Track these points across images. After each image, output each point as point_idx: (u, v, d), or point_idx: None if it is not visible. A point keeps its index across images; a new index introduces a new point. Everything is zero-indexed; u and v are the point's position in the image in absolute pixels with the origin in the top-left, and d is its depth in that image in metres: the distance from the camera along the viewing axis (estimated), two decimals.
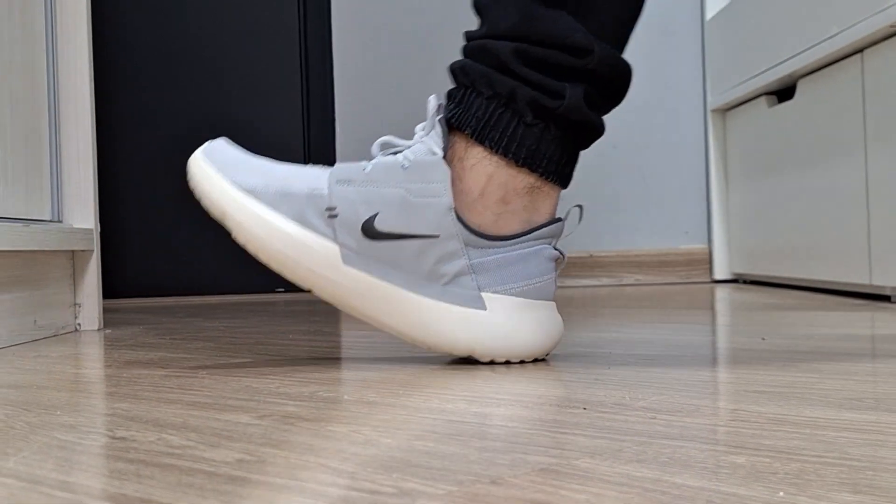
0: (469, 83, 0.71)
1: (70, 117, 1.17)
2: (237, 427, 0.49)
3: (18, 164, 1.04)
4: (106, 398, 0.61)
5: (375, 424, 0.48)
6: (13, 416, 0.53)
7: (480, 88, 0.70)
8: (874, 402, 0.50)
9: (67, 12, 1.17)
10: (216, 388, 0.63)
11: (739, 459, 0.38)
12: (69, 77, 1.17)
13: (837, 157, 1.38)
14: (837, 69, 1.38)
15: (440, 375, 0.65)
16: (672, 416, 0.48)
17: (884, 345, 0.79)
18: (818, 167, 1.46)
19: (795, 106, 1.55)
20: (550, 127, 0.69)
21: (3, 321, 0.96)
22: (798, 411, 0.48)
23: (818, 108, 1.46)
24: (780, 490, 0.33)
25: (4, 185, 1.00)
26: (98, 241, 1.19)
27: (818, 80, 1.45)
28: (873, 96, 1.27)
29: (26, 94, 1.08)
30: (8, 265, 0.98)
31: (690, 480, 0.35)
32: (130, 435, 0.47)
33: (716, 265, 1.97)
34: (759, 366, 0.66)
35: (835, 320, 1.02)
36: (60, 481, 0.38)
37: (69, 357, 0.87)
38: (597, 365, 0.68)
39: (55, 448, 0.44)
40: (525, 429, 0.46)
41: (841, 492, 0.33)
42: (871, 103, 1.27)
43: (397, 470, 0.38)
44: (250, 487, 0.36)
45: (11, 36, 1.03)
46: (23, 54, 1.07)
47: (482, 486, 0.35)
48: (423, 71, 2.12)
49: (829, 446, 0.40)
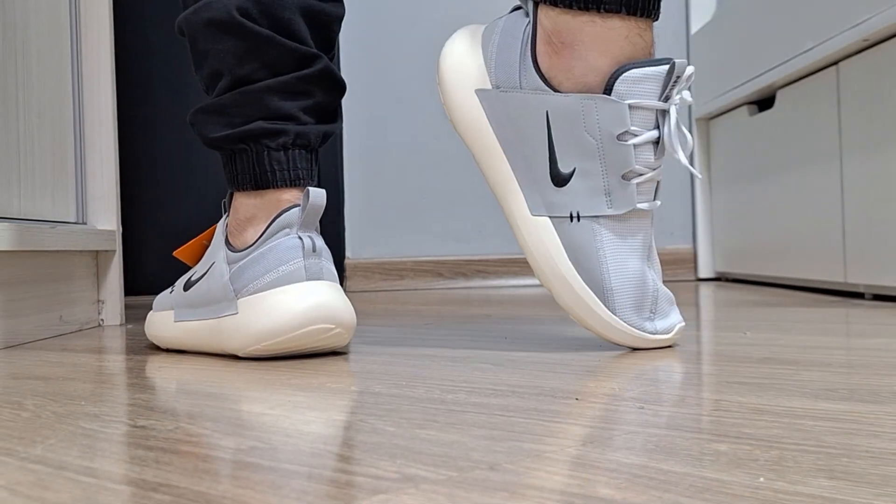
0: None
1: (94, 127, 1.17)
2: (250, 416, 0.49)
3: (46, 171, 1.04)
4: (127, 389, 0.61)
5: (380, 414, 0.48)
6: (41, 407, 0.53)
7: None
8: (848, 392, 0.50)
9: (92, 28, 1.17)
10: (230, 379, 0.63)
11: (722, 447, 0.38)
12: (93, 90, 1.17)
13: (814, 162, 1.38)
14: (814, 80, 1.38)
15: (441, 368, 0.65)
16: (659, 406, 0.48)
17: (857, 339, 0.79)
18: (796, 172, 1.46)
19: (775, 115, 1.55)
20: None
21: (31, 317, 0.96)
22: (777, 402, 0.48)
23: (796, 117, 1.46)
24: (760, 476, 0.33)
25: (33, 190, 1.00)
26: (120, 241, 1.19)
27: (796, 91, 1.45)
28: (848, 106, 1.26)
29: (53, 106, 1.08)
30: (36, 264, 0.98)
31: (676, 467, 0.35)
32: (150, 424, 0.47)
33: (700, 264, 1.97)
34: (740, 359, 0.66)
35: (811, 316, 1.02)
36: (85, 467, 0.38)
37: (93, 350, 0.87)
38: (588, 358, 0.68)
39: (80, 436, 0.44)
40: (521, 418, 0.46)
41: (817, 477, 0.33)
42: (845, 112, 1.27)
43: (401, 456, 0.38)
44: (262, 473, 0.36)
45: (39, 50, 1.03)
46: (50, 69, 1.07)
47: (481, 472, 0.35)
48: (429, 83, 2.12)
49: (806, 434, 0.40)
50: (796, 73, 1.40)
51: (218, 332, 0.75)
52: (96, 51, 1.17)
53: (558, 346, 0.75)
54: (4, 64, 0.94)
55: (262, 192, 0.76)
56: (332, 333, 0.71)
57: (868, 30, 1.15)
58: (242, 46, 0.74)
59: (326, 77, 0.77)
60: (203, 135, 0.78)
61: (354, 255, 2.07)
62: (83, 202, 1.16)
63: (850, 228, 1.27)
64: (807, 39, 1.34)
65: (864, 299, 1.23)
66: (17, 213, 0.95)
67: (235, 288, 0.73)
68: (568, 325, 0.94)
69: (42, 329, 0.98)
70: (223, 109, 0.76)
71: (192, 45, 0.78)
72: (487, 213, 2.05)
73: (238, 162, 0.76)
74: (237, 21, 0.74)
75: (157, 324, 0.83)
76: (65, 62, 1.12)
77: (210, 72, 0.77)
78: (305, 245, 0.71)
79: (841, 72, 1.28)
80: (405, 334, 0.93)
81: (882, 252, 1.18)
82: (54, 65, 1.09)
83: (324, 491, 0.33)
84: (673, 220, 2.00)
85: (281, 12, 0.75)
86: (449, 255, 2.05)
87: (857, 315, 1.02)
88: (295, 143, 0.76)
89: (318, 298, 0.70)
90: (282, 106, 0.75)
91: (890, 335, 0.80)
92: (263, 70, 0.75)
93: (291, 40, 0.76)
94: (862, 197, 1.23)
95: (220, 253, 0.76)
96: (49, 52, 1.07)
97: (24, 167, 0.98)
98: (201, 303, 0.77)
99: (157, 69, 2.09)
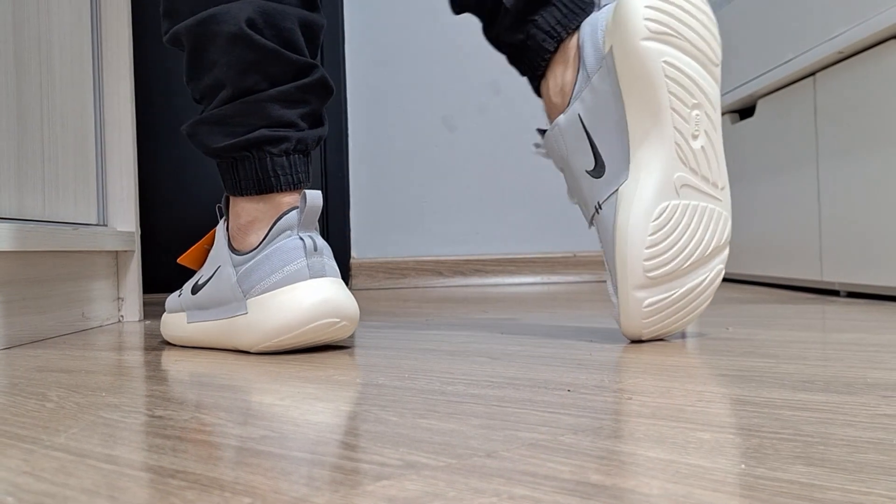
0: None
1: (114, 134, 1.17)
2: (261, 407, 0.49)
3: (69, 176, 1.04)
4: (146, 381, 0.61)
5: (384, 404, 0.48)
6: (64, 398, 0.53)
7: None
8: (824, 384, 0.50)
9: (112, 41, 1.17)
10: (243, 372, 0.63)
11: (705, 436, 0.38)
12: (112, 100, 1.17)
13: (792, 168, 1.38)
14: (793, 90, 1.38)
15: (441, 362, 0.65)
16: (646, 397, 0.48)
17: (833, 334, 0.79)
18: (776, 177, 1.46)
19: (756, 123, 1.54)
20: None
21: (55, 313, 0.96)
22: (757, 393, 0.48)
23: (776, 125, 1.46)
24: (741, 463, 0.33)
25: (57, 194, 1.00)
26: (139, 242, 1.19)
27: (776, 101, 1.45)
28: (824, 114, 1.26)
29: (75, 115, 1.08)
30: (59, 264, 0.98)
31: (662, 454, 0.35)
32: (167, 414, 0.47)
33: None
34: (723, 352, 0.66)
35: (790, 312, 1.02)
36: (105, 455, 0.38)
37: (113, 345, 0.87)
38: (580, 351, 0.68)
39: (101, 425, 0.44)
40: (516, 408, 0.46)
41: (795, 464, 0.33)
42: (822, 120, 1.27)
43: (403, 444, 0.38)
44: (273, 460, 0.36)
45: (62, 62, 1.03)
46: (72, 80, 1.07)
47: (478, 459, 0.35)
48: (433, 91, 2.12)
49: (784, 424, 0.40)
50: (775, 83, 1.40)
51: (230, 331, 0.75)
52: (116, 63, 1.17)
53: (551, 340, 0.75)
54: (29, 76, 0.94)
55: (265, 196, 0.75)
56: (338, 326, 0.71)
57: (843, 43, 1.15)
58: (249, 59, 0.74)
59: (322, 86, 0.77)
60: (205, 145, 0.77)
61: (360, 256, 2.07)
62: (104, 205, 1.16)
63: (826, 230, 1.27)
64: (786, 52, 1.34)
65: (840, 297, 1.23)
66: (42, 216, 0.95)
67: (244, 289, 0.73)
68: (560, 321, 0.94)
69: (65, 325, 0.98)
70: (225, 120, 0.75)
71: (195, 55, 0.76)
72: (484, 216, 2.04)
73: (240, 169, 0.76)
74: (247, 34, 0.73)
75: (171, 325, 0.83)
76: (86, 73, 1.12)
77: (211, 83, 0.76)
78: (307, 245, 0.71)
79: (818, 82, 1.28)
80: (407, 329, 0.93)
81: (856, 252, 1.18)
82: (76, 76, 1.08)
83: (330, 477, 0.33)
84: None
85: (283, 22, 0.74)
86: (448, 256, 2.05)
87: (832, 311, 1.02)
88: (296, 149, 0.75)
89: (322, 295, 0.70)
90: (283, 114, 0.75)
91: (863, 330, 0.80)
92: (265, 81, 0.74)
93: (293, 52, 0.75)
94: (837, 200, 1.23)
95: (225, 256, 0.76)
96: (71, 64, 1.07)
97: (48, 173, 0.98)
98: (212, 304, 0.77)
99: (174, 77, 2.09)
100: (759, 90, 1.47)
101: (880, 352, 0.64)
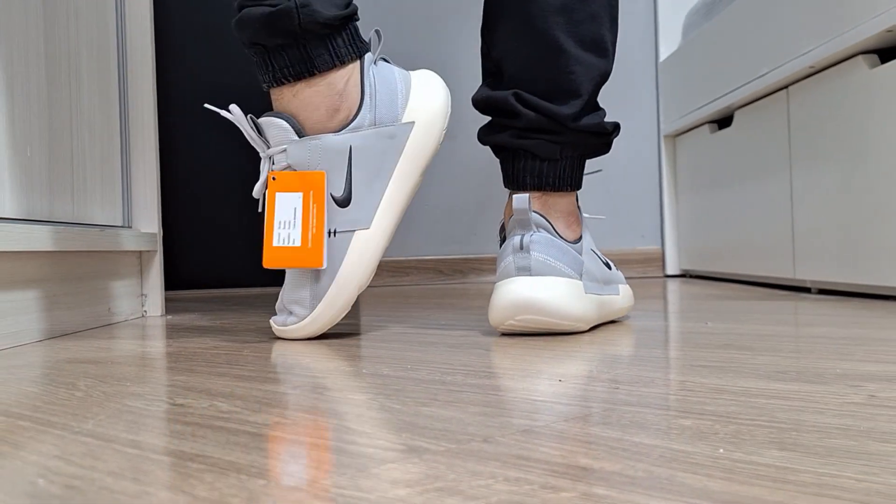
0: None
1: (138, 142, 1.17)
2: (275, 395, 0.49)
3: (96, 181, 1.04)
4: (167, 372, 0.61)
5: (388, 394, 0.48)
6: (91, 387, 0.53)
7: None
8: (797, 374, 0.50)
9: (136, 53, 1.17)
10: (258, 363, 0.63)
11: (687, 422, 0.38)
12: (137, 108, 1.17)
13: (767, 174, 1.38)
14: (767, 102, 1.38)
15: (441, 354, 0.65)
16: (631, 387, 0.48)
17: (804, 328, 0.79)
18: (751, 182, 1.46)
19: (733, 133, 1.54)
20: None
21: (83, 309, 0.96)
22: (735, 382, 0.48)
23: (751, 135, 1.46)
24: (720, 447, 0.33)
25: (84, 197, 1.00)
26: (161, 242, 1.19)
27: (751, 112, 1.45)
28: (797, 124, 1.26)
29: (102, 123, 1.08)
30: (87, 263, 0.98)
31: (646, 440, 0.35)
32: (187, 402, 0.47)
33: (667, 262, 1.97)
34: (702, 345, 0.66)
35: (765, 308, 1.02)
36: (130, 440, 0.38)
37: (137, 338, 0.87)
38: (570, 345, 0.68)
39: (125, 413, 0.44)
40: (511, 397, 0.46)
41: (770, 449, 0.33)
42: (794, 130, 1.27)
43: (406, 430, 0.38)
44: (286, 445, 0.36)
45: (89, 73, 1.03)
46: (99, 90, 1.07)
47: (476, 444, 0.35)
48: None
49: (760, 411, 0.40)
50: (751, 95, 1.40)
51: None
52: (140, 73, 1.17)
53: (544, 335, 0.75)
54: (59, 86, 0.94)
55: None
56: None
57: (814, 58, 1.15)
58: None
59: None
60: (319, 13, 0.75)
61: None
62: (128, 208, 1.16)
63: (798, 231, 1.27)
64: (761, 66, 1.34)
65: (811, 293, 1.23)
66: (71, 218, 0.95)
67: None
68: None
69: (93, 319, 0.98)
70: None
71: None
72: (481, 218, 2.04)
73: None
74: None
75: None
76: (112, 83, 1.12)
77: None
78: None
79: (791, 95, 1.28)
80: (410, 324, 0.93)
81: (826, 252, 1.18)
82: (103, 86, 1.08)
83: (338, 460, 0.33)
84: (644, 224, 2.01)
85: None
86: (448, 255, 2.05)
87: (804, 307, 1.02)
88: None
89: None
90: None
91: (833, 325, 0.80)
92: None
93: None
94: (809, 204, 1.23)
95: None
96: (98, 75, 1.07)
97: (76, 177, 0.98)
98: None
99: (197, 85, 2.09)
100: (736, 102, 1.47)
101: (849, 345, 0.64)
